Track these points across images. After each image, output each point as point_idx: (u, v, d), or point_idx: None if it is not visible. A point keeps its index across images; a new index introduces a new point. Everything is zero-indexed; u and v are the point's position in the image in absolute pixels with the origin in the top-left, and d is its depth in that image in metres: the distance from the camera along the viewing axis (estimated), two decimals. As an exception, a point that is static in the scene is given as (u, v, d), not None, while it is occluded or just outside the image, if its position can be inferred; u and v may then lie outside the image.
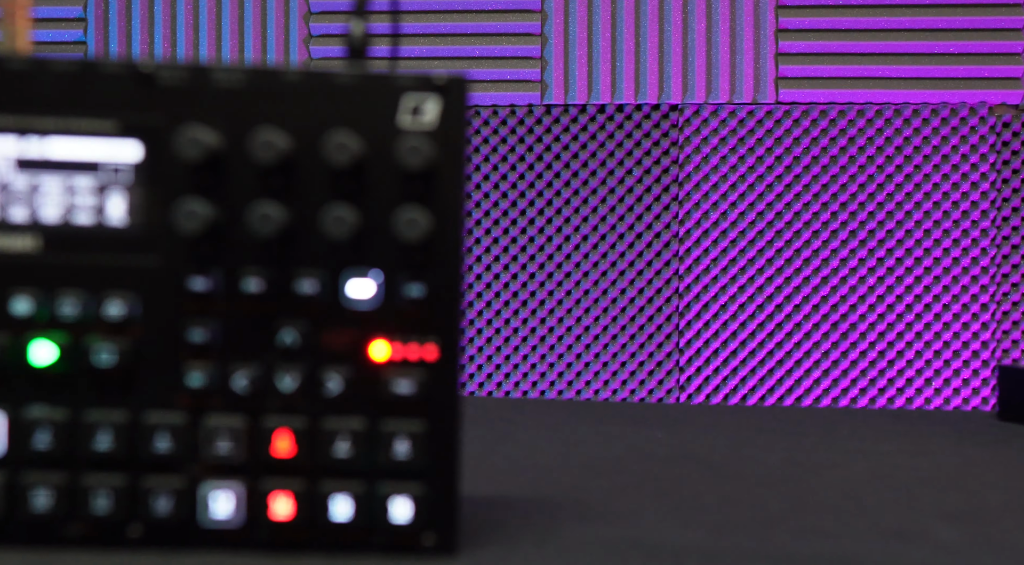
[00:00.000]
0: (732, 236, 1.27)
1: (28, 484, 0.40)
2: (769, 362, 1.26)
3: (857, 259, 1.23)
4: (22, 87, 0.40)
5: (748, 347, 1.26)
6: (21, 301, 0.40)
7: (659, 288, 1.29)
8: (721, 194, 1.28)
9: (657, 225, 1.29)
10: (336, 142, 0.39)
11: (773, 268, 1.26)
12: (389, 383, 0.40)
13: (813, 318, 1.26)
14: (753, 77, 1.29)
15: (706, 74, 1.28)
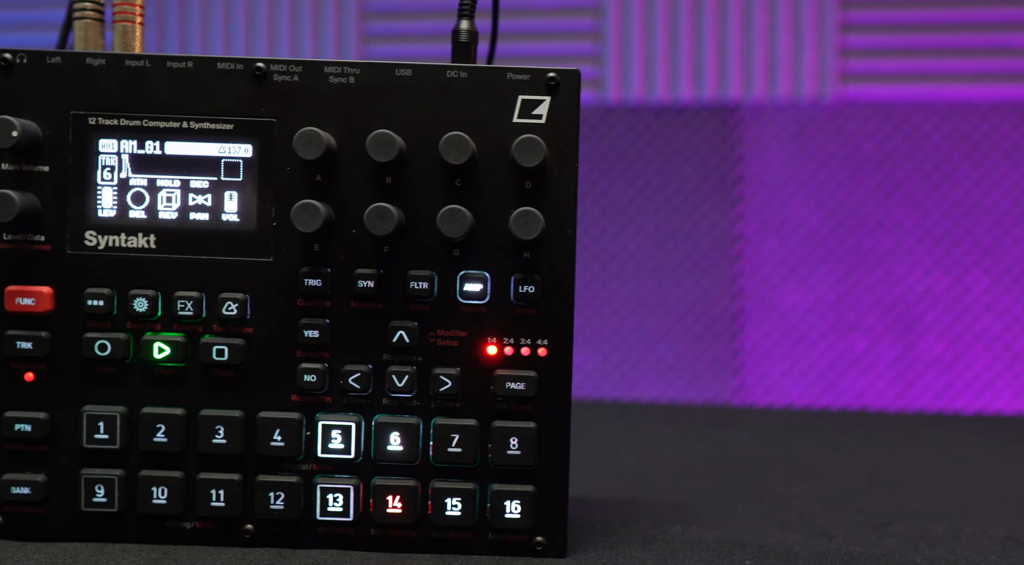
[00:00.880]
0: (799, 237, 1.25)
1: (145, 480, 0.40)
2: (838, 365, 1.24)
3: (931, 260, 1.21)
4: (139, 86, 0.40)
5: (816, 350, 1.24)
6: (138, 299, 0.40)
7: (715, 290, 1.28)
8: (788, 194, 1.26)
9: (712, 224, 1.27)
10: (451, 140, 0.39)
11: (843, 269, 1.24)
12: (500, 382, 0.40)
13: (885, 320, 1.23)
14: (817, 73, 1.27)
15: (767, 70, 1.27)
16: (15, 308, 0.40)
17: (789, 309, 1.27)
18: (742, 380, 1.27)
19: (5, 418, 0.40)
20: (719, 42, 1.31)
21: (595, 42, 1.32)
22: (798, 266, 1.28)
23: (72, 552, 0.39)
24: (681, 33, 1.31)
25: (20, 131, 0.38)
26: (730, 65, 1.31)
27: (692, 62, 1.31)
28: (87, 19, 0.42)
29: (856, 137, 1.25)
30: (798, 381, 1.26)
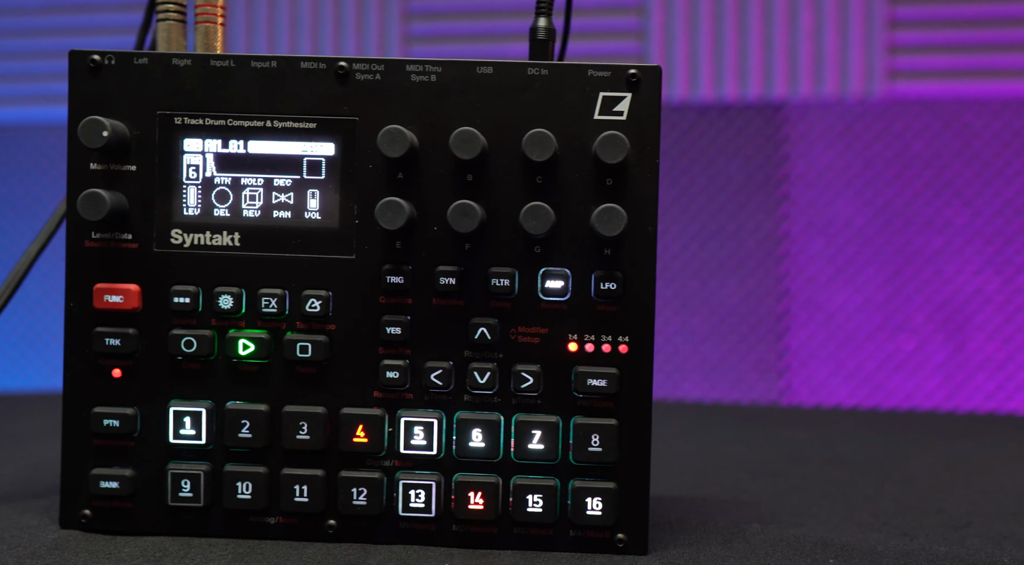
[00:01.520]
0: (846, 237, 1.24)
1: (230, 476, 0.40)
2: (887, 366, 1.23)
3: (982, 259, 1.19)
4: (224, 86, 0.40)
5: (864, 350, 1.23)
6: (223, 296, 0.40)
7: (760, 290, 1.27)
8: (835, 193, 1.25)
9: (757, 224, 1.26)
10: (534, 137, 0.39)
11: (890, 269, 1.22)
12: (581, 379, 0.40)
13: (934, 320, 1.22)
14: (864, 70, 1.26)
15: (814, 68, 1.26)
16: (104, 305, 0.41)
17: (836, 309, 1.26)
18: (788, 381, 1.26)
19: (94, 414, 0.41)
20: (764, 39, 1.31)
21: (639, 41, 1.32)
22: (845, 266, 1.27)
23: (160, 546, 0.39)
24: (726, 31, 1.30)
25: (110, 131, 0.39)
26: (775, 63, 1.30)
27: (737, 60, 1.30)
28: (170, 20, 0.42)
29: (904, 135, 1.23)
30: (845, 382, 1.24)
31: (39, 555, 0.38)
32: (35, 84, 1.26)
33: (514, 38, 1.30)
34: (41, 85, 1.26)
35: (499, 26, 1.34)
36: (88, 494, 0.41)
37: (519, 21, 1.33)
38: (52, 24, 1.26)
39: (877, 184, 1.23)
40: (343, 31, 1.33)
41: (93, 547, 0.39)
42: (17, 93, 1.26)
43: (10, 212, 1.26)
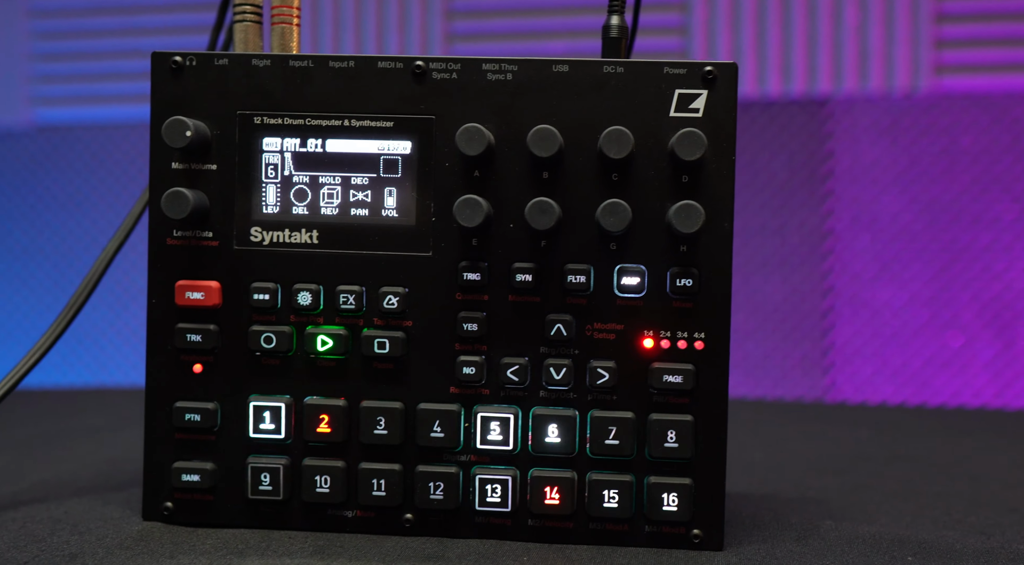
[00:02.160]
0: (891, 233, 1.23)
1: (308, 469, 0.41)
2: (933, 363, 1.21)
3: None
4: (302, 86, 0.41)
5: (910, 348, 1.22)
6: (302, 293, 0.41)
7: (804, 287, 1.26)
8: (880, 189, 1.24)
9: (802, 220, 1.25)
10: (612, 134, 0.39)
11: (937, 266, 1.21)
12: (657, 375, 0.40)
13: (983, 317, 1.20)
14: (910, 65, 1.25)
15: (859, 63, 1.25)
16: (185, 302, 0.41)
17: (881, 306, 1.25)
18: (832, 378, 1.25)
19: (176, 408, 0.41)
20: (808, 34, 1.30)
21: (682, 37, 1.31)
22: (890, 262, 1.26)
23: (241, 538, 0.40)
24: (769, 26, 1.29)
25: (193, 131, 0.40)
26: (820, 58, 1.29)
27: (780, 56, 1.29)
28: (247, 21, 0.43)
29: (952, 130, 1.22)
30: (890, 379, 1.23)
31: (126, 546, 0.38)
32: (81, 85, 1.28)
33: (556, 36, 1.30)
34: (87, 86, 1.28)
35: (541, 24, 1.34)
36: (170, 487, 0.42)
37: (561, 19, 1.33)
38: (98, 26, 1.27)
39: (923, 180, 1.22)
40: (385, 29, 1.33)
41: (176, 539, 0.40)
42: (65, 94, 1.28)
43: (60, 211, 1.28)
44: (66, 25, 1.29)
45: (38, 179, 1.29)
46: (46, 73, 1.28)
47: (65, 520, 0.42)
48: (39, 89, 1.29)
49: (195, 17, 1.28)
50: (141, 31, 1.28)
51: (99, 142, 1.28)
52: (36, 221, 1.29)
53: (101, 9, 1.29)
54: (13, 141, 1.29)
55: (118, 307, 1.29)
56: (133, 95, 1.27)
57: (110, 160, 1.29)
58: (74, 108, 1.29)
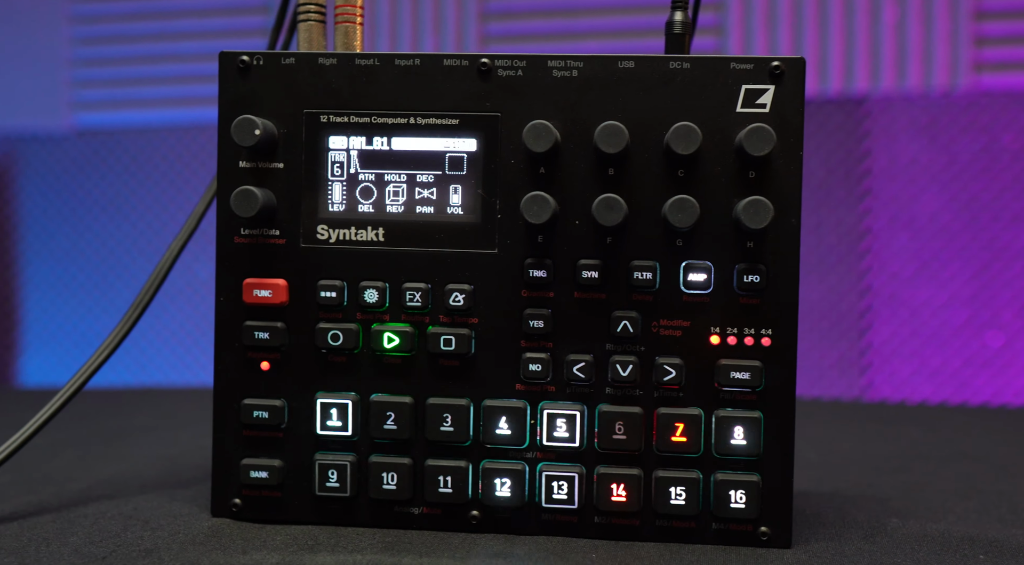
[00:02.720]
0: (930, 232, 1.21)
1: (375, 466, 0.41)
2: (973, 363, 1.20)
3: (1078, 252, 1.16)
4: (368, 84, 0.41)
5: (949, 347, 1.20)
6: (368, 290, 0.41)
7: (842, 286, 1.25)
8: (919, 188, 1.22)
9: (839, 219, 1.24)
10: (680, 130, 0.39)
11: (977, 265, 1.20)
12: (724, 372, 0.40)
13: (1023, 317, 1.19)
14: (949, 63, 1.23)
15: (896, 61, 1.23)
16: (253, 300, 0.42)
17: (920, 306, 1.23)
18: (870, 378, 1.24)
19: (244, 405, 0.42)
20: (846, 32, 1.29)
21: (717, 37, 1.31)
22: (929, 261, 1.25)
23: (310, 534, 0.40)
24: (805, 24, 1.28)
25: (262, 130, 0.40)
26: (857, 56, 1.28)
27: (817, 54, 1.28)
28: (311, 21, 0.43)
29: (991, 127, 1.21)
30: (929, 379, 1.22)
31: (198, 542, 0.39)
32: (120, 90, 1.29)
33: (592, 36, 1.30)
34: (127, 90, 1.29)
35: (577, 24, 1.34)
36: (238, 484, 0.42)
37: (596, 19, 1.33)
38: (138, 31, 1.29)
39: (963, 178, 1.21)
40: (420, 30, 1.34)
41: (247, 534, 0.40)
42: (105, 98, 1.29)
43: (101, 215, 1.29)
44: (106, 31, 1.30)
45: (79, 183, 1.31)
46: (87, 78, 1.30)
47: (135, 516, 0.42)
48: (80, 94, 1.31)
49: (233, 21, 1.29)
50: (180, 35, 1.29)
51: (138, 146, 1.29)
52: (77, 224, 1.30)
53: (140, 15, 1.30)
54: (54, 145, 1.31)
55: (157, 308, 1.29)
56: (172, 99, 1.29)
57: (149, 164, 1.30)
58: (114, 112, 1.30)
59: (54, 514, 0.43)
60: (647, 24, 1.28)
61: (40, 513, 0.43)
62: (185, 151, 1.29)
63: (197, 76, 1.29)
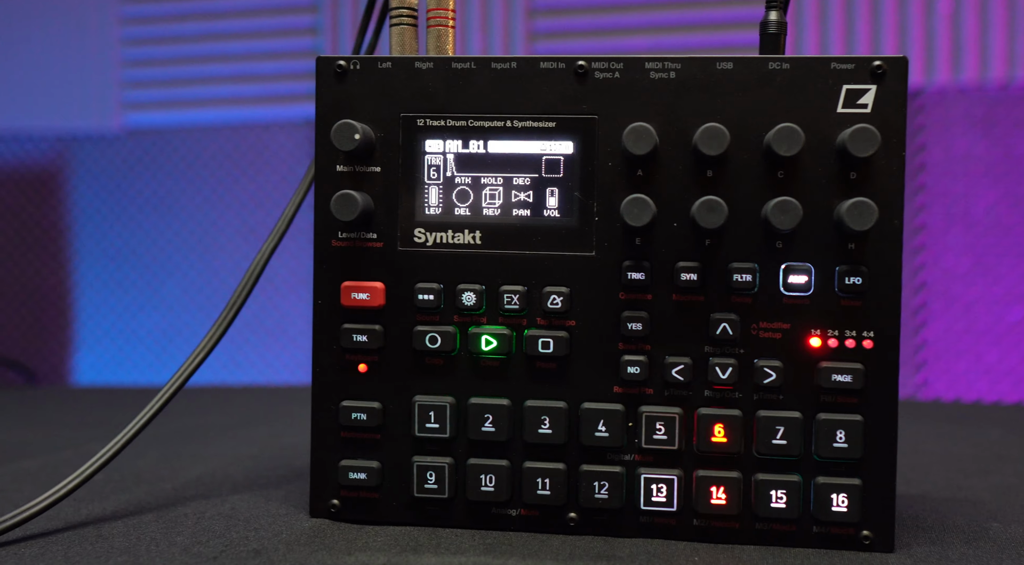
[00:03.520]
0: (985, 227, 1.20)
1: (473, 468, 0.41)
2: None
3: None
4: (464, 88, 0.41)
5: (1004, 343, 1.19)
6: (466, 293, 0.41)
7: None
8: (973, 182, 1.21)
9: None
10: (782, 131, 0.39)
11: (1038, 258, 1.18)
12: (825, 374, 0.40)
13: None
14: (1006, 55, 1.21)
15: (951, 54, 1.22)
16: (350, 303, 0.42)
17: (974, 302, 1.22)
18: (925, 375, 1.23)
19: (342, 407, 0.42)
20: (899, 25, 1.27)
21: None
22: (984, 257, 1.23)
23: (410, 536, 0.41)
24: (858, 17, 1.27)
25: (361, 134, 0.40)
26: (911, 49, 1.26)
27: (870, 47, 1.27)
28: (403, 25, 0.43)
29: (1049, 121, 1.18)
30: (984, 376, 1.20)
31: (302, 542, 0.39)
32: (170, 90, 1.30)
33: (639, 32, 1.29)
34: (176, 90, 1.30)
35: (624, 20, 1.34)
36: (336, 484, 0.42)
37: (642, 15, 1.32)
38: (187, 32, 1.30)
39: (1018, 172, 1.19)
40: (468, 28, 1.34)
41: (348, 535, 0.40)
42: (155, 98, 1.30)
43: (151, 213, 1.31)
44: (156, 31, 1.32)
45: (130, 182, 1.32)
46: (137, 79, 1.31)
47: (235, 516, 0.43)
48: (130, 94, 1.32)
49: (282, 21, 1.30)
50: (228, 35, 1.30)
51: (188, 145, 1.31)
52: (128, 223, 1.32)
53: (190, 15, 1.31)
54: (106, 145, 1.33)
55: (208, 307, 1.31)
56: (221, 99, 1.30)
57: (198, 163, 1.32)
58: (164, 112, 1.32)
59: (155, 513, 0.43)
60: (696, 19, 1.28)
61: (141, 512, 0.44)
62: (234, 150, 1.30)
63: (245, 76, 1.30)
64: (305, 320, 1.30)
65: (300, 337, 1.28)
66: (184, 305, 1.30)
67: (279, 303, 1.29)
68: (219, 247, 1.30)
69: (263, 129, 1.30)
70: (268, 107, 1.30)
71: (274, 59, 1.29)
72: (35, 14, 1.35)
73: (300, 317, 1.28)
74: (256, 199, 1.29)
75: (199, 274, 1.31)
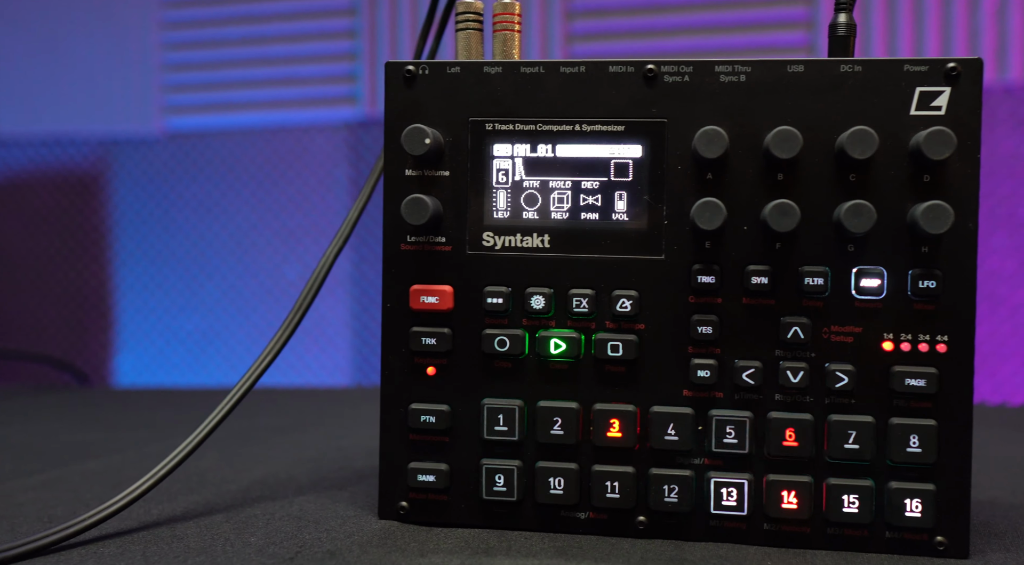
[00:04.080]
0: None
1: (542, 471, 0.41)
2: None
3: None
4: (533, 92, 0.42)
5: (1052, 344, 1.17)
6: (535, 297, 0.42)
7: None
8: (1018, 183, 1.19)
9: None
10: (857, 134, 0.38)
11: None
12: (898, 378, 0.39)
13: None
14: (1050, 54, 1.20)
15: (996, 51, 1.20)
16: (420, 306, 0.42)
17: (1020, 304, 1.20)
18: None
19: (411, 410, 0.42)
20: (943, 23, 1.26)
21: (808, 31, 1.29)
22: (1029, 257, 1.21)
23: (480, 538, 0.41)
24: (900, 16, 1.26)
25: (432, 139, 0.41)
26: (955, 47, 1.25)
27: (913, 46, 1.26)
28: (469, 29, 0.44)
29: (1097, 120, 1.17)
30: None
31: (375, 544, 0.40)
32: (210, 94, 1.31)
33: (675, 33, 1.29)
34: (216, 94, 1.31)
35: (660, 22, 1.33)
36: (405, 486, 0.43)
37: (679, 16, 1.32)
38: (227, 36, 1.31)
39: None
40: (504, 31, 1.33)
41: (418, 537, 0.41)
42: (195, 102, 1.32)
43: (192, 216, 1.32)
44: (196, 36, 1.33)
45: (170, 185, 1.34)
46: (177, 83, 1.33)
47: (304, 517, 0.43)
48: (170, 98, 1.34)
49: (320, 24, 1.31)
50: (268, 39, 1.31)
51: (228, 148, 1.32)
52: (169, 225, 1.33)
53: (229, 20, 1.33)
54: (147, 148, 1.34)
55: (247, 309, 1.32)
56: (260, 102, 1.31)
57: (238, 165, 1.33)
58: (204, 116, 1.33)
59: (224, 514, 0.44)
60: (736, 20, 1.27)
61: (210, 513, 0.44)
62: (273, 153, 1.31)
63: (284, 79, 1.31)
64: (343, 322, 1.30)
65: (338, 338, 1.29)
66: (223, 307, 1.31)
67: (317, 305, 1.30)
68: (258, 250, 1.32)
69: (302, 132, 1.31)
70: (307, 110, 1.31)
71: (312, 62, 1.30)
72: (77, 20, 1.37)
73: (337, 319, 1.29)
74: (295, 202, 1.30)
75: (238, 276, 1.32)
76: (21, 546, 0.38)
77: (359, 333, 1.29)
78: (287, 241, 1.31)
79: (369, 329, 1.28)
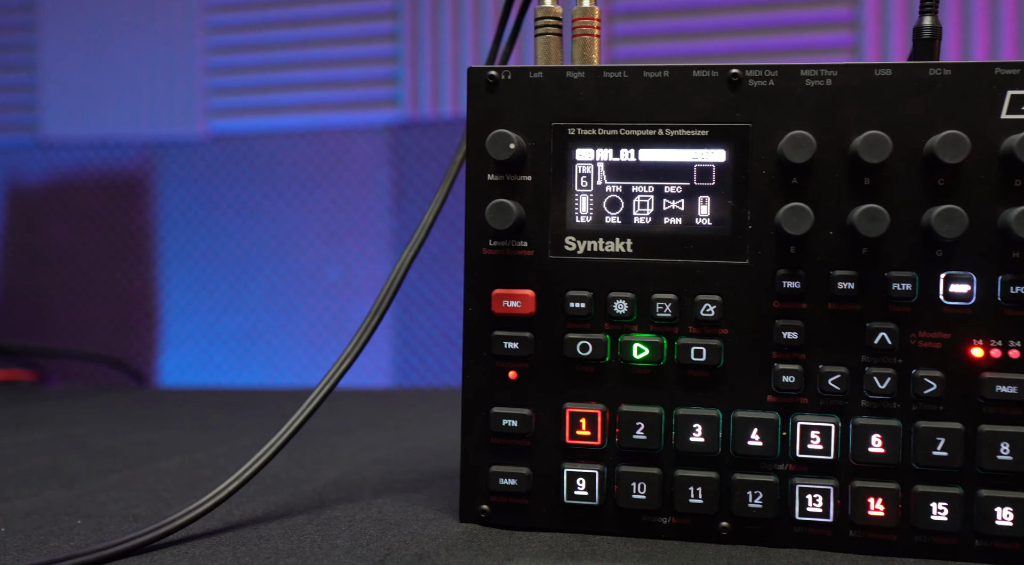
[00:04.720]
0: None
1: (624, 476, 0.41)
2: None
3: None
4: (616, 96, 0.42)
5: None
6: (618, 301, 0.42)
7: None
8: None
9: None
10: (948, 138, 0.38)
11: None
12: (988, 385, 0.39)
13: None
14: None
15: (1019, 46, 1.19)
16: (501, 310, 0.42)
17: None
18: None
19: (493, 414, 0.42)
20: (990, 23, 1.24)
21: (852, 31, 1.28)
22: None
23: (564, 542, 0.41)
24: (947, 17, 1.24)
25: (516, 144, 0.41)
26: (1002, 48, 1.23)
27: (960, 48, 1.24)
28: (549, 34, 0.44)
29: None
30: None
31: (460, 547, 0.40)
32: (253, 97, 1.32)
33: (716, 35, 1.29)
34: (259, 97, 1.32)
35: (701, 23, 1.33)
36: (487, 490, 0.43)
37: (719, 18, 1.31)
38: (269, 39, 1.32)
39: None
40: (545, 33, 1.33)
41: (502, 541, 0.41)
42: (238, 105, 1.33)
43: (235, 218, 1.33)
44: (239, 39, 1.34)
45: (214, 187, 1.35)
46: (221, 86, 1.34)
47: (385, 519, 0.43)
48: (214, 101, 1.35)
49: (362, 27, 1.31)
50: (310, 43, 1.32)
51: (270, 151, 1.33)
52: (213, 227, 1.34)
53: (272, 23, 1.34)
54: (191, 151, 1.35)
55: (289, 309, 1.33)
56: (303, 105, 1.32)
57: (280, 168, 1.34)
58: (247, 119, 1.34)
59: (305, 516, 0.44)
60: (778, 21, 1.26)
61: (290, 514, 0.45)
62: (315, 155, 1.32)
63: (327, 82, 1.32)
64: (384, 323, 1.31)
65: (379, 339, 1.29)
66: (266, 307, 1.32)
67: (358, 306, 1.30)
68: (300, 251, 1.32)
69: (344, 134, 1.32)
70: (349, 113, 1.32)
71: (355, 65, 1.31)
72: (124, 26, 1.39)
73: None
74: (337, 204, 1.31)
75: (280, 278, 1.33)
76: (114, 546, 0.39)
77: (400, 334, 1.30)
78: (329, 243, 1.32)
79: (410, 330, 1.28)
